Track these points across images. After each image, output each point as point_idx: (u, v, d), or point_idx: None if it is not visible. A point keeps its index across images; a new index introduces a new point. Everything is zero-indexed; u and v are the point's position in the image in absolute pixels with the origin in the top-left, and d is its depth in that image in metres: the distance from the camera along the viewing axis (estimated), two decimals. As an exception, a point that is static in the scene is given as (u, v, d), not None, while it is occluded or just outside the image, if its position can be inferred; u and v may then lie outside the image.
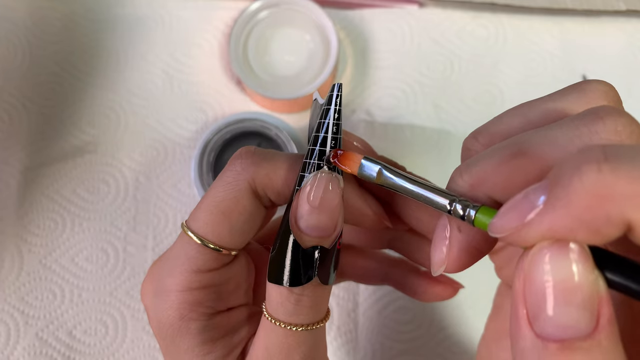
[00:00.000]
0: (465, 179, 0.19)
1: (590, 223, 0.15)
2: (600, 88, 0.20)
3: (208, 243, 0.23)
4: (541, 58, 0.46)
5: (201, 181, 0.40)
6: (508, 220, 0.17)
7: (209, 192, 0.23)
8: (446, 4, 0.46)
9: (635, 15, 0.46)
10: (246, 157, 0.23)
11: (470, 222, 0.19)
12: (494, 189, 0.19)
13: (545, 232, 0.16)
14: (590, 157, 0.15)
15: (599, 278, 0.16)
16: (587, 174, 0.15)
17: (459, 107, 0.45)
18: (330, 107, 0.22)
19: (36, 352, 0.39)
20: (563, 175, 0.15)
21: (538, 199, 0.16)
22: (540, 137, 0.18)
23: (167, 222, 0.42)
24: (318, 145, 0.22)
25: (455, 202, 0.19)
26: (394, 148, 0.44)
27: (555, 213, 0.15)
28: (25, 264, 0.41)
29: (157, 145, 0.44)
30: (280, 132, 0.40)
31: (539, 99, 0.20)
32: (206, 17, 0.46)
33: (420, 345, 0.40)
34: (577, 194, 0.15)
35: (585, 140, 0.17)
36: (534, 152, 0.18)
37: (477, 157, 0.19)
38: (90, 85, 0.45)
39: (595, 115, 0.17)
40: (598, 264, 0.16)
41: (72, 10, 0.46)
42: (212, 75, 0.45)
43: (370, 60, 0.46)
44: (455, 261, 0.20)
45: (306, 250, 0.22)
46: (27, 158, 0.43)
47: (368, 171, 0.21)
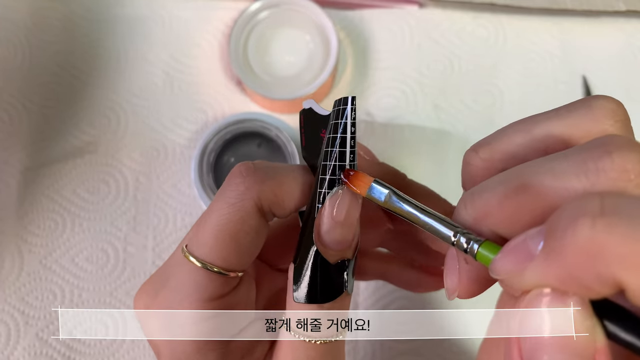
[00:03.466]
0: (470, 212, 0.19)
1: (582, 279, 0.15)
2: (607, 106, 0.19)
3: (217, 269, 0.22)
4: (541, 58, 0.46)
5: (201, 181, 0.40)
6: (506, 264, 0.17)
7: (212, 215, 0.22)
8: (446, 4, 0.46)
9: (634, 16, 0.46)
10: (248, 175, 0.22)
11: (473, 256, 0.18)
12: (497, 225, 0.18)
13: (539, 282, 0.16)
14: (587, 210, 0.14)
15: (597, 328, 0.15)
16: (581, 228, 0.14)
17: (458, 107, 0.45)
18: (347, 121, 0.22)
19: (36, 353, 0.39)
20: (558, 226, 0.15)
21: (536, 246, 0.16)
22: (545, 170, 0.17)
23: (167, 222, 0.42)
24: (336, 161, 0.22)
25: (459, 234, 0.19)
26: (394, 148, 0.44)
27: (549, 265, 0.15)
28: (25, 264, 0.41)
29: (157, 145, 0.44)
30: (281, 133, 0.40)
31: (544, 114, 0.20)
32: (206, 17, 0.46)
33: (420, 345, 0.40)
34: (569, 249, 0.15)
35: (592, 179, 0.16)
36: (537, 188, 0.17)
37: (481, 188, 0.19)
38: (90, 85, 0.45)
39: (604, 149, 0.16)
40: (598, 313, 0.15)
41: (72, 10, 0.46)
42: (212, 75, 0.45)
43: (370, 61, 0.46)
44: (466, 290, 0.20)
45: (334, 264, 0.22)
46: (27, 158, 0.43)
47: (377, 194, 0.21)
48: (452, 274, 0.20)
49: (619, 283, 0.14)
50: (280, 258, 0.27)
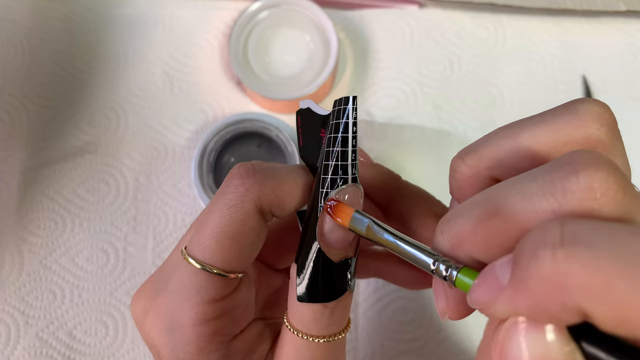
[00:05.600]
0: (446, 238, 0.19)
1: (548, 310, 0.15)
2: (593, 109, 0.19)
3: (218, 271, 0.22)
4: (541, 58, 0.46)
5: (201, 181, 0.40)
6: (479, 295, 0.17)
7: (212, 217, 0.22)
8: (446, 4, 0.46)
9: (634, 16, 0.46)
10: (247, 176, 0.22)
11: (452, 282, 0.18)
12: (473, 250, 0.18)
13: (510, 312, 0.16)
14: (547, 240, 0.15)
15: (576, 352, 0.15)
16: (542, 260, 0.14)
17: (458, 107, 0.45)
18: (349, 120, 0.22)
19: (36, 353, 0.40)
20: (522, 257, 0.15)
21: (505, 276, 0.16)
22: (515, 192, 0.17)
23: (167, 222, 0.42)
24: (338, 160, 0.22)
25: (438, 262, 0.19)
26: (394, 148, 0.44)
27: (517, 296, 0.15)
28: (25, 264, 0.41)
29: (157, 145, 0.44)
30: (281, 133, 0.40)
31: (529, 119, 0.20)
32: (206, 17, 0.46)
33: (420, 346, 0.40)
34: (533, 281, 0.15)
35: (559, 200, 0.16)
36: (507, 212, 0.17)
37: (455, 213, 0.19)
38: (90, 85, 0.45)
39: (572, 167, 0.16)
40: (575, 336, 0.15)
41: (72, 10, 0.46)
42: (212, 75, 0.45)
43: (370, 61, 0.46)
44: (454, 312, 0.20)
45: (337, 263, 0.22)
46: (27, 158, 0.43)
47: (359, 225, 0.21)
48: (440, 297, 0.20)
49: (584, 312, 0.14)
50: (276, 258, 0.27)
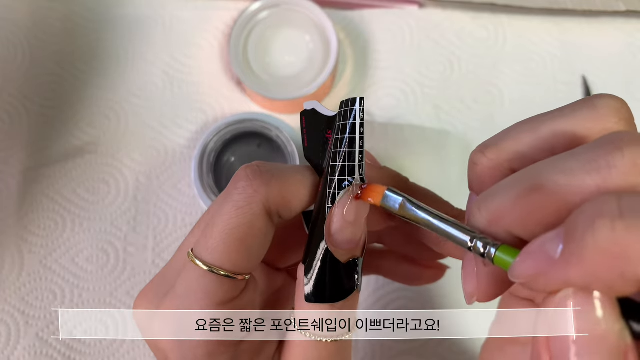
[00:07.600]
0: (484, 214, 0.19)
1: (605, 279, 0.15)
2: (611, 104, 0.19)
3: (226, 273, 0.22)
4: (541, 58, 0.46)
5: (201, 181, 0.40)
6: (526, 269, 0.17)
7: (219, 219, 0.22)
8: (446, 5, 0.46)
9: (634, 16, 0.46)
10: (254, 178, 0.22)
11: (491, 260, 0.18)
12: (512, 226, 0.18)
13: (562, 284, 0.16)
14: (604, 212, 0.15)
15: (625, 329, 0.15)
16: (601, 231, 0.15)
17: (458, 108, 0.45)
18: (356, 122, 0.22)
19: (36, 353, 0.39)
20: (577, 229, 0.15)
21: (555, 250, 0.16)
22: (557, 169, 0.17)
23: (167, 222, 0.42)
24: (345, 161, 0.22)
25: (476, 239, 0.19)
26: (394, 148, 0.44)
27: (570, 268, 0.15)
28: (25, 264, 0.41)
29: (157, 145, 0.44)
30: (281, 133, 0.40)
31: (548, 114, 0.20)
32: (206, 17, 0.46)
33: (420, 346, 0.41)
34: (590, 252, 0.15)
35: (604, 176, 0.16)
36: (551, 188, 0.17)
37: (493, 190, 0.19)
38: (90, 86, 0.45)
39: (613, 145, 0.16)
40: (624, 314, 0.15)
41: (72, 10, 0.46)
42: (212, 75, 0.45)
43: (370, 61, 0.46)
44: (485, 293, 0.20)
45: (345, 264, 0.22)
46: (27, 158, 0.43)
47: (391, 203, 0.22)
48: (470, 278, 0.20)
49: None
50: (278, 257, 0.27)
